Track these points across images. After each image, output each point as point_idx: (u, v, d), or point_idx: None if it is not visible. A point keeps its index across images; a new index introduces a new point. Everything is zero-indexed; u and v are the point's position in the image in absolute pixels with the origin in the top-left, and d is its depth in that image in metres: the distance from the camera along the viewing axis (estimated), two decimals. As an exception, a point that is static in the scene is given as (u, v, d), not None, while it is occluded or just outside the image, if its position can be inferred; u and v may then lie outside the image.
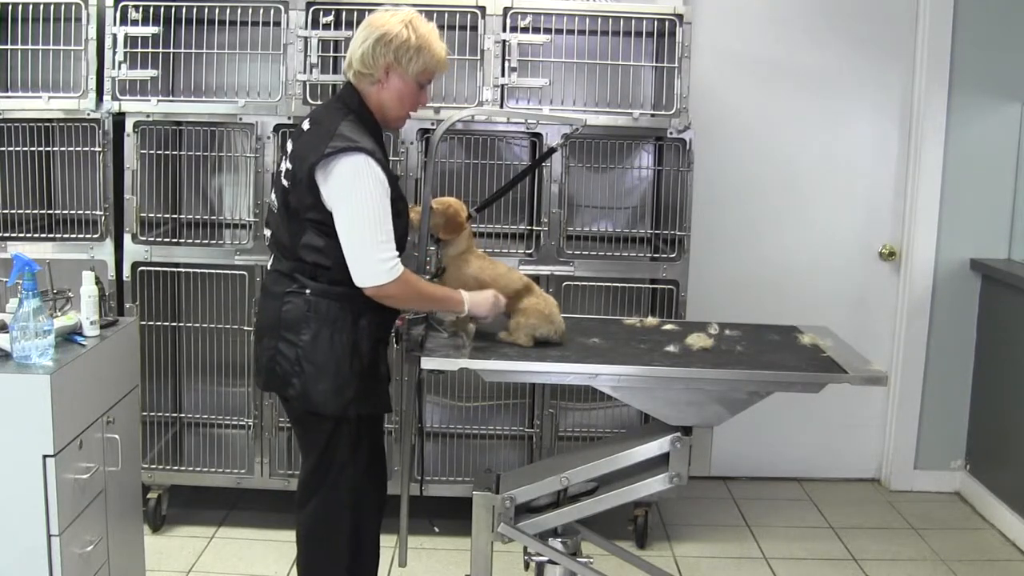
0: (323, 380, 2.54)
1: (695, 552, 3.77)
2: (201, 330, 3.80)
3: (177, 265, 3.72)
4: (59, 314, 2.57)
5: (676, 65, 3.54)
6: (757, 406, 2.55)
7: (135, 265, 3.59)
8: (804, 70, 4.25)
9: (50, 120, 3.63)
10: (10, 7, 3.55)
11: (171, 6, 3.54)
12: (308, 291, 2.54)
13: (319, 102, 3.35)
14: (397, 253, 2.48)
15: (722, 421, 2.59)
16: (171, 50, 3.63)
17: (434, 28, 2.60)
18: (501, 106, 3.53)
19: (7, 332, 2.37)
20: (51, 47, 3.57)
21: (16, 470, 2.29)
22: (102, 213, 3.56)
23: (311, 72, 3.48)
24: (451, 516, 3.31)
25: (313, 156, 2.46)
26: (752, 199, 4.33)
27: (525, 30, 3.51)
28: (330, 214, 2.48)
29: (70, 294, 2.64)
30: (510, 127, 3.69)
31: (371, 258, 2.44)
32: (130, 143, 3.53)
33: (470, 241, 2.77)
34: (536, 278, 3.30)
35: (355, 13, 3.41)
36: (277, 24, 3.51)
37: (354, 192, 2.44)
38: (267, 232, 2.73)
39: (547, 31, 3.56)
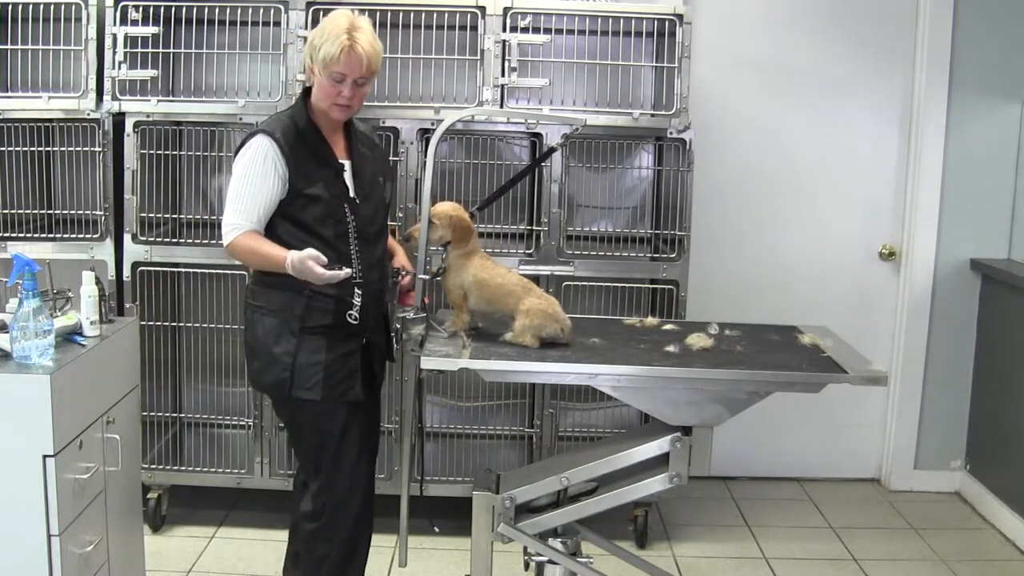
0: (255, 359, 2.73)
1: (695, 552, 3.77)
2: (201, 330, 3.81)
3: (177, 265, 3.72)
4: (59, 314, 2.57)
5: (676, 65, 3.54)
6: (757, 406, 2.55)
7: (135, 265, 3.59)
8: (804, 70, 4.25)
9: (50, 120, 3.64)
10: (10, 7, 3.55)
11: (171, 6, 3.54)
12: (248, 280, 2.83)
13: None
14: (241, 223, 2.60)
15: (722, 421, 2.59)
16: (171, 50, 3.63)
17: (344, 25, 2.58)
18: (501, 106, 3.53)
19: (7, 332, 2.37)
20: (51, 47, 3.57)
21: (16, 470, 2.29)
22: (102, 213, 3.56)
23: (311, 72, 3.49)
24: (451, 516, 3.31)
25: None
26: (752, 199, 4.33)
27: (525, 30, 3.51)
28: None
29: (70, 294, 2.64)
30: (510, 127, 3.70)
31: (224, 220, 2.64)
32: (130, 143, 3.54)
33: (475, 243, 2.77)
34: (536, 278, 3.30)
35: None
36: (277, 24, 3.51)
37: (237, 164, 2.64)
38: None
39: (547, 31, 3.56)
